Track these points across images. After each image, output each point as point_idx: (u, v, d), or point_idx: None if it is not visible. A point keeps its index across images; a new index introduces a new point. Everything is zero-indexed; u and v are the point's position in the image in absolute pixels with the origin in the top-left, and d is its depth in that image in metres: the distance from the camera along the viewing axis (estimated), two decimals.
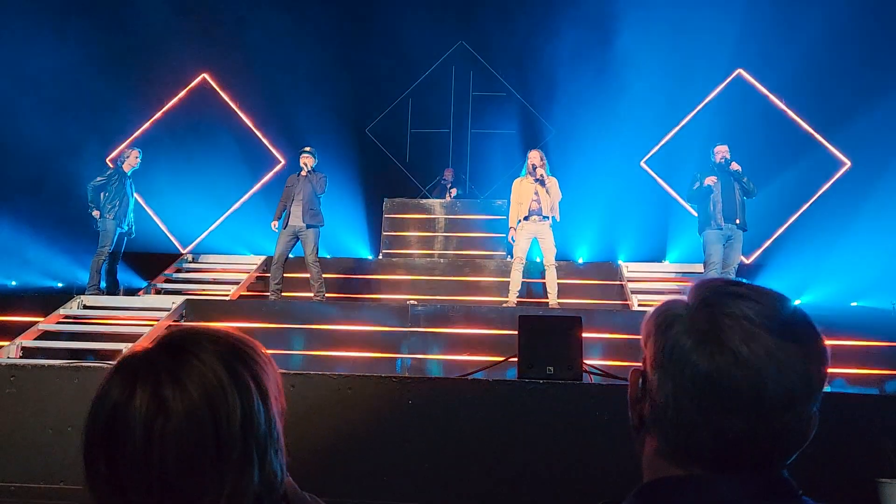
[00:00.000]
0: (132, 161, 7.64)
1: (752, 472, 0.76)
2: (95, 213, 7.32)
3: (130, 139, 9.73)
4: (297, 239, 7.29)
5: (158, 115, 10.49)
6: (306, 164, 7.34)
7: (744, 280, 0.85)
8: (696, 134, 8.56)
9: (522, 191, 7.03)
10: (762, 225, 8.24)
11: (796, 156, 9.09)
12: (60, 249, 9.07)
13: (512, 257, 7.37)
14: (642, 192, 9.34)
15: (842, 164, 9.30)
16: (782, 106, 9.58)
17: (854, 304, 7.76)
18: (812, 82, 9.14)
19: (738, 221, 6.74)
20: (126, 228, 7.48)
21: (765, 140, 8.88)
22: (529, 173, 7.03)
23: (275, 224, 7.40)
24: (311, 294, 7.24)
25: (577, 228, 8.86)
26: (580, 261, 8.90)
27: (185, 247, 9.73)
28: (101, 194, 7.33)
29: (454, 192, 9.80)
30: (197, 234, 9.64)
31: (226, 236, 9.55)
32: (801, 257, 8.31)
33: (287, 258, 7.37)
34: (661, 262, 8.70)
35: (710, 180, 6.74)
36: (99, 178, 7.38)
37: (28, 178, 9.19)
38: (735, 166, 6.80)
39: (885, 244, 7.93)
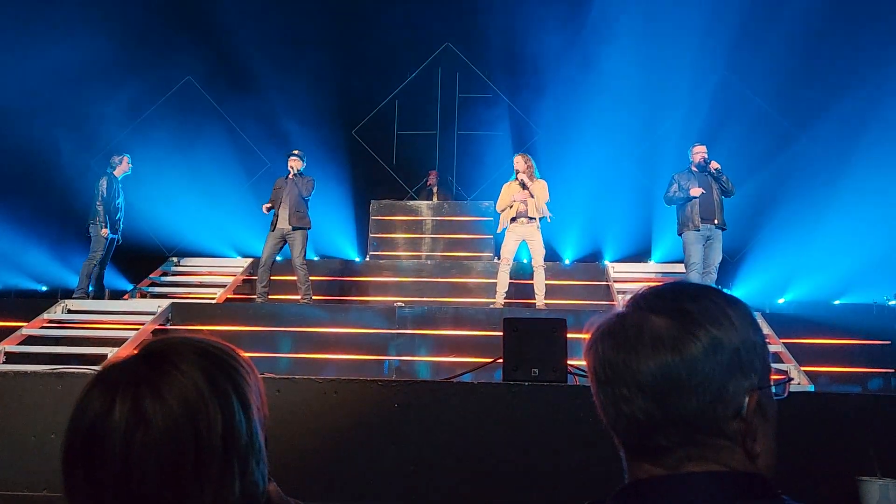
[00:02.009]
0: (124, 167, 7.56)
1: (726, 470, 0.76)
2: (104, 232, 7.16)
3: (114, 142, 9.66)
4: (285, 241, 7.28)
5: (143, 117, 10.42)
6: (293, 168, 7.33)
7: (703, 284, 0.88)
8: (675, 133, 8.63)
9: (511, 193, 7.09)
10: (744, 223, 8.31)
11: (774, 153, 9.18)
12: (44, 252, 8.97)
13: (499, 258, 7.39)
14: (627, 192, 9.40)
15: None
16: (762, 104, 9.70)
17: (837, 301, 7.85)
18: (786, 80, 9.25)
19: (716, 221, 6.77)
20: (117, 235, 7.43)
21: (743, 138, 8.95)
22: (518, 177, 7.09)
23: (267, 207, 7.35)
24: (299, 297, 7.22)
25: (563, 229, 8.90)
26: (567, 261, 8.94)
27: (171, 249, 9.67)
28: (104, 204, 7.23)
29: (437, 192, 9.81)
30: (183, 237, 9.58)
31: (212, 239, 9.50)
32: (783, 255, 8.38)
33: (274, 261, 7.35)
34: (646, 261, 8.76)
35: (695, 192, 6.75)
36: (102, 192, 7.21)
37: (10, 181, 9.09)
38: (715, 165, 6.84)
39: (867, 241, 8.01)
